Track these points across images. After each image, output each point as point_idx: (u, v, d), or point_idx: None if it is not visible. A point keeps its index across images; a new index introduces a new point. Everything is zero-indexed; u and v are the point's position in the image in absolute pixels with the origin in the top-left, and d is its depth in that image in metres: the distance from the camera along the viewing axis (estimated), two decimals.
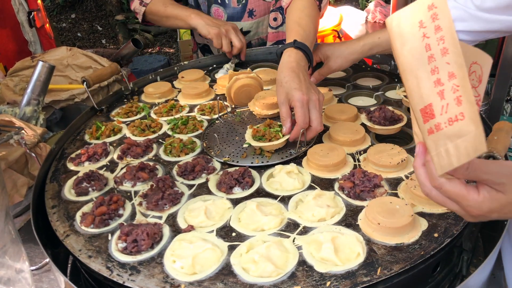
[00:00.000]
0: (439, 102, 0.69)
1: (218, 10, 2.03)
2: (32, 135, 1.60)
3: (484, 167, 0.73)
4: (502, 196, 0.74)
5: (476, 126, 0.66)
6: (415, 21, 0.70)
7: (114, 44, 6.57)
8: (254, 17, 2.04)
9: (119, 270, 0.99)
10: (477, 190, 0.75)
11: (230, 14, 2.02)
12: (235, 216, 1.12)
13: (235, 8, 2.01)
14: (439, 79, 0.69)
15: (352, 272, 0.93)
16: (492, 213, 0.76)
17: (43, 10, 2.71)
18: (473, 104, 0.66)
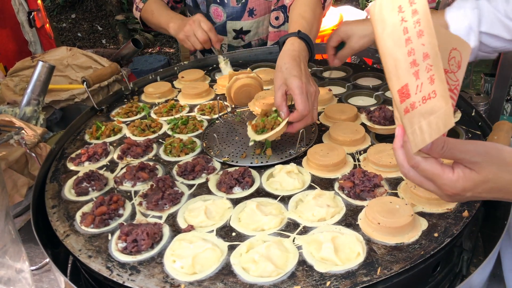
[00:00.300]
0: (414, 81, 0.72)
1: (217, 10, 2.02)
2: (32, 135, 1.60)
3: (459, 146, 0.74)
4: (475, 175, 0.75)
5: (446, 102, 0.69)
6: (394, 6, 0.73)
7: (114, 44, 6.57)
8: (254, 16, 2.03)
9: (119, 270, 0.99)
10: (452, 169, 0.76)
11: (229, 13, 2.02)
12: (235, 216, 1.12)
13: (235, 8, 2.01)
14: (414, 60, 0.72)
15: (352, 272, 0.93)
16: (466, 192, 0.77)
17: (43, 10, 2.71)
18: (444, 82, 0.69)
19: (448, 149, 0.74)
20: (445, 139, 0.74)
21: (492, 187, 0.76)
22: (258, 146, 1.37)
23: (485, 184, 0.76)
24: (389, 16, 0.74)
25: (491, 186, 0.76)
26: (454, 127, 1.38)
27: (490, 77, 2.15)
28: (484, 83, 2.18)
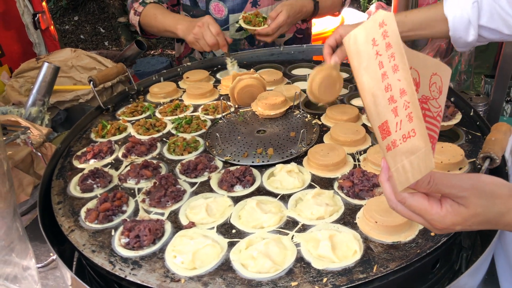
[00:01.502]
0: (394, 119, 0.70)
1: (218, 5, 2.04)
2: (37, 135, 1.62)
3: (445, 181, 0.73)
4: (464, 210, 0.74)
5: (425, 142, 0.67)
6: (369, 39, 0.71)
7: (117, 46, 6.61)
8: (258, 6, 2.06)
9: (121, 265, 1.02)
10: (440, 204, 0.75)
11: (230, 7, 2.04)
12: (236, 214, 1.14)
13: (235, 1, 2.03)
14: (392, 96, 0.70)
15: (349, 269, 0.95)
16: (456, 226, 0.76)
17: (48, 12, 2.74)
18: (421, 120, 0.68)
19: (435, 184, 0.73)
20: (431, 174, 0.73)
21: (482, 220, 0.76)
22: (255, 148, 1.40)
23: (474, 217, 0.75)
24: (364, 48, 0.72)
25: (480, 220, 0.76)
26: (454, 128, 1.40)
27: (490, 78, 2.16)
28: (485, 84, 2.18)
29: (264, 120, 1.56)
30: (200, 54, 2.23)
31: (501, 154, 1.14)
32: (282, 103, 1.55)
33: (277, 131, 1.48)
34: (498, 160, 1.12)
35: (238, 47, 2.16)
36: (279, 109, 1.55)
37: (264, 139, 1.44)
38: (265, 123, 1.54)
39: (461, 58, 2.88)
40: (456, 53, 2.78)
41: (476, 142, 1.33)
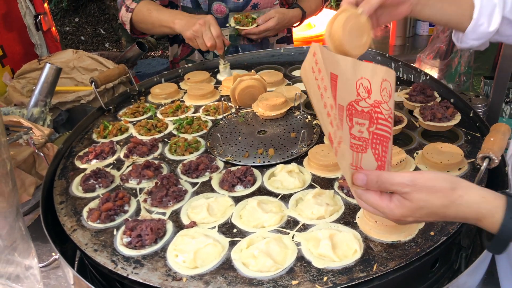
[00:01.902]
0: (332, 129, 0.82)
1: (220, 6, 2.05)
2: (39, 136, 1.63)
3: (390, 180, 0.82)
4: (409, 204, 0.82)
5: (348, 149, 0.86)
6: (309, 67, 0.83)
7: (117, 47, 6.62)
8: (257, 8, 2.09)
9: (123, 264, 1.02)
10: (389, 199, 0.84)
11: (232, 8, 2.06)
12: (237, 213, 1.15)
13: (236, 3, 2.05)
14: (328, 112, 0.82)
15: (349, 268, 0.96)
16: (406, 217, 0.85)
17: (49, 14, 2.75)
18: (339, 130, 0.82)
19: (381, 183, 0.83)
20: (377, 174, 0.84)
21: (428, 213, 0.83)
22: (255, 148, 1.41)
23: (419, 210, 0.83)
24: (309, 76, 0.84)
25: (426, 212, 0.83)
26: (453, 129, 1.41)
27: (489, 79, 2.17)
28: (484, 85, 2.20)
29: (265, 120, 1.57)
30: (201, 55, 2.23)
31: (500, 154, 1.14)
32: (282, 104, 1.56)
33: (277, 132, 1.49)
34: (497, 160, 1.13)
35: (237, 43, 2.18)
36: (280, 110, 1.56)
37: (265, 140, 1.45)
38: (265, 124, 1.55)
39: (461, 59, 2.89)
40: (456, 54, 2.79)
41: (475, 142, 1.34)
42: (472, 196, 0.81)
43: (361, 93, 0.87)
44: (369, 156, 0.88)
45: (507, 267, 1.25)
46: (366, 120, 0.87)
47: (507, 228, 0.78)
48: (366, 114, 0.87)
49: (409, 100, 1.56)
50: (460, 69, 2.91)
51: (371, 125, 0.88)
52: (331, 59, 0.83)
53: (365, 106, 0.87)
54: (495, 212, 0.79)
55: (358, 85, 0.86)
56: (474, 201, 0.81)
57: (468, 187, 0.82)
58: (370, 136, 0.88)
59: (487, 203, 0.81)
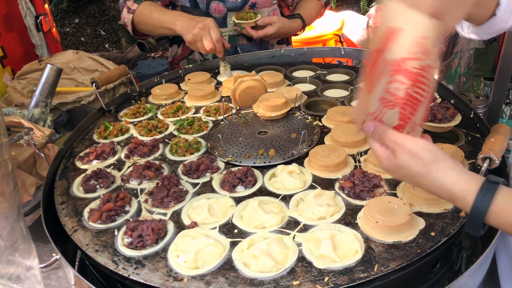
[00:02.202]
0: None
1: (218, 6, 2.06)
2: (40, 136, 1.64)
3: (390, 136, 0.91)
4: (394, 160, 0.91)
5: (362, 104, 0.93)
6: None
7: (117, 48, 6.62)
8: (255, 8, 2.10)
9: (124, 264, 1.03)
10: (385, 150, 0.93)
11: (230, 7, 2.07)
12: (238, 214, 1.15)
13: (234, 3, 2.05)
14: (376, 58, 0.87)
15: (350, 268, 0.96)
16: (390, 171, 0.95)
17: (50, 15, 2.75)
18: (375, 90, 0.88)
19: (383, 135, 0.92)
20: (385, 129, 0.92)
21: (407, 174, 0.91)
22: (256, 149, 1.41)
23: (400, 169, 0.91)
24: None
25: (405, 173, 0.91)
26: (454, 130, 1.41)
27: (489, 81, 2.17)
28: (484, 86, 2.20)
29: (266, 121, 1.57)
30: (200, 55, 2.24)
31: (500, 155, 1.15)
32: (283, 104, 1.56)
33: (278, 133, 1.49)
34: (497, 161, 1.13)
35: (236, 43, 2.18)
36: (280, 111, 1.56)
37: (266, 140, 1.45)
38: (266, 125, 1.55)
39: (461, 61, 2.89)
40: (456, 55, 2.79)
41: (475, 143, 1.35)
42: (448, 174, 0.86)
43: (418, 52, 0.83)
44: (394, 113, 0.90)
45: (507, 268, 1.25)
46: (409, 81, 0.85)
47: (477, 211, 0.82)
48: (412, 75, 0.85)
49: None
50: (460, 70, 2.91)
51: (411, 87, 0.86)
52: (398, 12, 0.82)
53: (415, 66, 0.84)
54: (467, 195, 0.84)
55: (418, 43, 0.82)
56: (447, 180, 0.86)
57: (447, 166, 0.87)
58: (405, 96, 0.87)
59: (459, 186, 0.85)
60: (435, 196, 1.08)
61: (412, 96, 0.87)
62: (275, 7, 2.20)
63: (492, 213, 0.81)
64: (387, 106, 0.89)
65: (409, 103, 0.88)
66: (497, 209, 0.81)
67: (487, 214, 0.82)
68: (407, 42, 0.82)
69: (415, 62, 0.84)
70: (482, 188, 0.83)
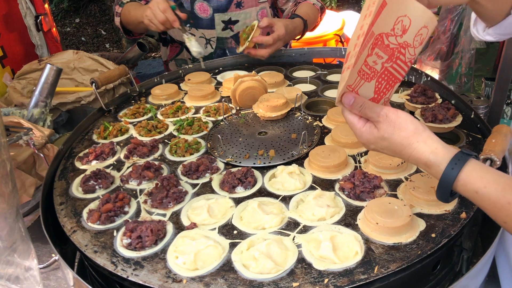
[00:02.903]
0: (352, 51, 0.88)
1: (203, 5, 2.05)
2: (40, 136, 1.63)
3: (372, 107, 0.93)
4: (376, 132, 0.93)
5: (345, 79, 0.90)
6: None
7: (118, 48, 6.63)
8: (242, 8, 2.09)
9: (123, 265, 1.02)
10: (364, 123, 0.95)
11: (215, 7, 2.06)
12: (237, 215, 1.14)
13: (219, 1, 2.05)
14: (359, 35, 0.86)
15: (350, 270, 0.96)
16: (370, 144, 0.96)
17: (50, 15, 2.75)
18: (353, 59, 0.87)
19: (364, 108, 0.93)
20: (364, 101, 0.93)
21: (388, 145, 0.93)
22: (256, 149, 1.41)
23: (382, 141, 0.93)
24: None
25: (386, 144, 0.93)
26: (454, 130, 1.40)
27: (490, 81, 2.17)
28: (485, 87, 2.20)
29: (266, 122, 1.56)
30: (189, 53, 2.22)
31: (501, 155, 1.14)
32: (283, 105, 1.56)
33: (278, 133, 1.49)
34: (498, 162, 1.13)
35: (225, 45, 2.17)
36: (281, 111, 1.55)
37: (266, 141, 1.45)
38: (266, 125, 1.54)
39: (462, 61, 2.89)
40: (457, 56, 2.79)
41: (476, 144, 1.34)
42: (428, 144, 0.90)
43: (396, 29, 0.88)
44: (370, 86, 0.94)
45: (507, 269, 1.24)
46: (386, 56, 0.91)
47: (446, 177, 0.87)
48: (389, 50, 0.90)
49: (410, 101, 1.55)
50: (461, 70, 2.91)
51: (388, 61, 0.91)
52: None
53: (393, 42, 0.89)
54: (440, 163, 0.89)
55: (398, 20, 0.87)
56: (426, 149, 0.90)
57: (427, 136, 0.91)
58: (381, 70, 0.92)
59: (436, 154, 0.89)
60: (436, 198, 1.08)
61: (388, 70, 0.93)
62: (264, 6, 2.17)
63: (460, 180, 0.87)
64: (364, 79, 0.93)
65: (385, 77, 0.93)
66: (464, 177, 0.86)
67: (455, 181, 0.87)
68: (389, 18, 0.87)
69: (393, 38, 0.89)
70: (454, 157, 0.88)
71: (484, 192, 0.84)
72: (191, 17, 2.07)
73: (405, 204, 1.07)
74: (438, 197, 0.92)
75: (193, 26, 2.11)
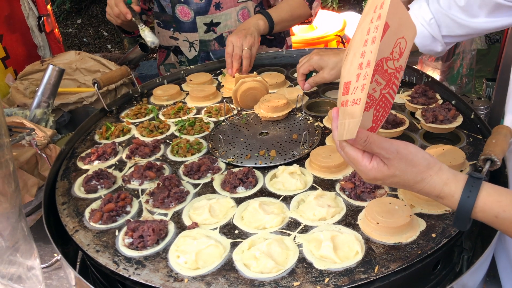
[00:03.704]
0: (355, 83, 0.81)
1: (184, 9, 2.06)
2: (42, 137, 1.64)
3: (378, 143, 0.86)
4: (386, 169, 0.88)
5: (360, 115, 0.80)
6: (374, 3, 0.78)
7: (120, 49, 6.64)
8: (221, 9, 2.09)
9: (125, 264, 1.03)
10: (370, 159, 0.89)
11: (195, 10, 2.07)
12: (238, 214, 1.15)
13: (198, 4, 2.05)
14: (361, 64, 0.80)
15: (350, 269, 0.96)
16: (377, 180, 0.91)
17: (52, 15, 2.76)
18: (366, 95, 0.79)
19: (369, 143, 0.86)
20: (368, 134, 0.85)
21: (399, 181, 0.90)
22: (257, 150, 1.41)
23: (392, 177, 0.89)
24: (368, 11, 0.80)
25: (397, 180, 0.90)
26: (455, 131, 1.41)
27: (491, 82, 2.17)
28: (486, 87, 2.20)
29: (267, 122, 1.57)
30: (175, 57, 2.24)
31: (501, 156, 1.14)
32: (284, 105, 1.56)
33: (279, 133, 1.50)
34: (498, 162, 1.13)
35: (208, 48, 2.18)
36: (282, 112, 1.56)
37: (267, 141, 1.46)
38: (267, 126, 1.55)
39: (463, 62, 2.89)
40: (458, 56, 2.79)
41: (477, 144, 1.34)
42: (439, 176, 0.89)
43: (394, 52, 0.83)
44: (369, 115, 0.87)
45: (507, 267, 1.25)
46: (384, 82, 0.85)
47: (464, 207, 0.87)
48: (387, 75, 0.85)
49: (411, 102, 1.56)
50: (462, 71, 2.91)
51: (385, 87, 0.86)
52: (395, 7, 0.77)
53: (390, 67, 0.85)
54: (454, 193, 0.88)
55: (396, 43, 0.82)
56: (439, 182, 0.89)
57: (439, 169, 0.89)
58: (379, 97, 0.87)
59: (449, 186, 0.88)
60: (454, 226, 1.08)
61: (385, 97, 0.88)
62: (245, 6, 2.14)
63: (477, 207, 0.86)
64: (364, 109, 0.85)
65: (382, 104, 0.89)
66: (481, 203, 0.86)
67: (473, 209, 0.86)
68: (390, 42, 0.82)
69: (391, 62, 0.85)
70: (467, 185, 0.87)
71: (505, 216, 0.84)
72: (173, 21, 2.09)
73: (405, 204, 1.07)
74: (457, 226, 0.90)
75: (176, 30, 2.12)
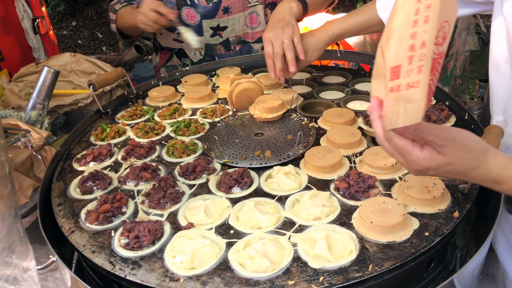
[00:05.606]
0: (407, 65, 0.75)
1: (190, 11, 2.07)
2: (37, 138, 1.64)
3: (430, 130, 0.82)
4: (440, 157, 0.83)
5: (423, 96, 0.74)
6: None
7: (115, 51, 6.63)
8: (230, 13, 2.09)
9: (121, 265, 1.03)
10: (421, 148, 0.83)
11: (202, 13, 2.07)
12: (234, 215, 1.16)
13: (206, 7, 2.06)
14: (414, 45, 0.74)
15: (345, 268, 0.97)
16: (430, 170, 0.86)
17: (47, 17, 2.76)
18: (427, 76, 0.74)
19: (420, 131, 0.81)
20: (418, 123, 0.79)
21: (453, 170, 0.86)
22: (252, 150, 1.42)
23: (447, 166, 0.85)
24: None
25: (452, 169, 0.85)
26: None
27: (484, 82, 2.18)
28: (479, 88, 2.21)
29: (262, 123, 1.58)
30: (178, 59, 2.25)
31: None
32: (279, 106, 1.57)
33: (274, 134, 1.50)
34: None
35: (214, 52, 2.19)
36: (277, 113, 1.57)
37: (262, 142, 1.46)
38: (262, 126, 1.56)
39: (456, 63, 2.91)
40: (451, 58, 2.81)
41: None
42: (496, 160, 0.85)
43: (439, 37, 0.77)
44: None
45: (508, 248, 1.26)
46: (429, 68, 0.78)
47: None
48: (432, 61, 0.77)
49: None
50: (455, 72, 2.93)
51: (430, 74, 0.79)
52: None
53: (435, 52, 0.78)
54: None
55: (441, 27, 0.77)
56: (496, 166, 0.85)
57: (494, 153, 0.86)
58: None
59: (507, 170, 0.85)
60: (429, 197, 1.10)
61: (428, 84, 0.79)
62: (253, 10, 2.15)
63: None
64: None
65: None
66: None
67: None
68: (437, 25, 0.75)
69: (436, 47, 0.77)
70: None
71: None
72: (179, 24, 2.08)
73: (399, 203, 1.09)
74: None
75: None
